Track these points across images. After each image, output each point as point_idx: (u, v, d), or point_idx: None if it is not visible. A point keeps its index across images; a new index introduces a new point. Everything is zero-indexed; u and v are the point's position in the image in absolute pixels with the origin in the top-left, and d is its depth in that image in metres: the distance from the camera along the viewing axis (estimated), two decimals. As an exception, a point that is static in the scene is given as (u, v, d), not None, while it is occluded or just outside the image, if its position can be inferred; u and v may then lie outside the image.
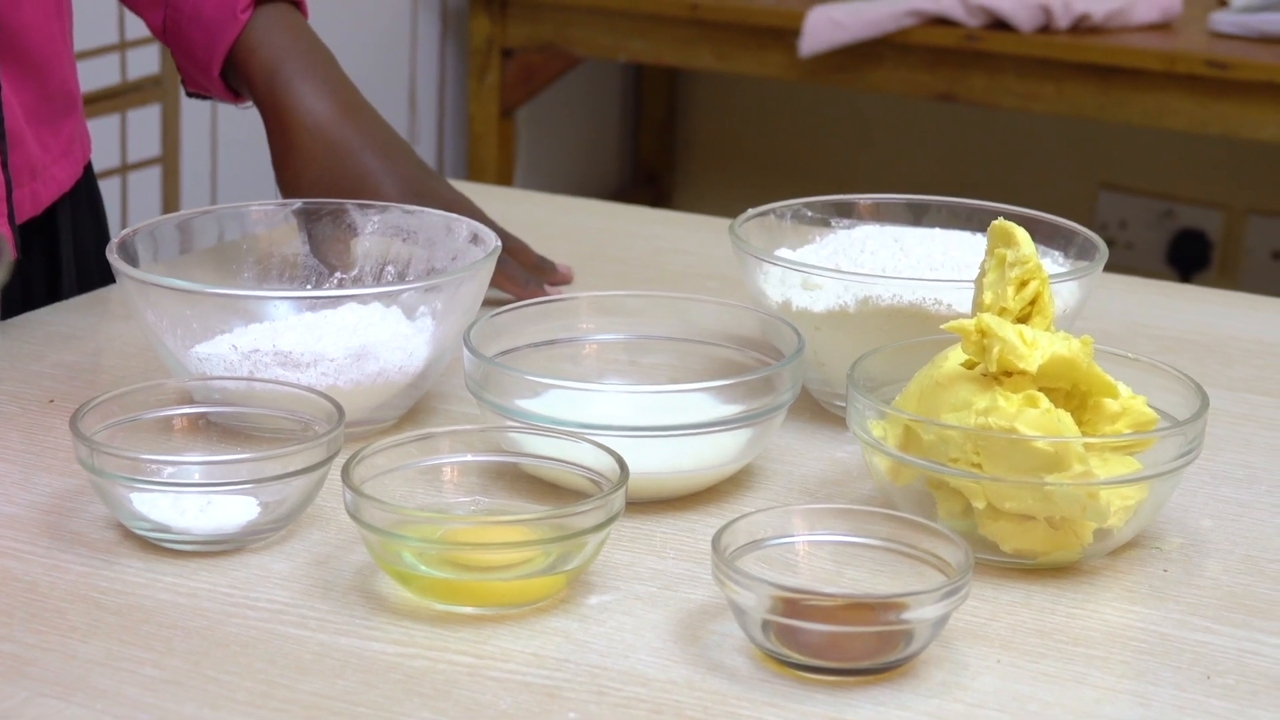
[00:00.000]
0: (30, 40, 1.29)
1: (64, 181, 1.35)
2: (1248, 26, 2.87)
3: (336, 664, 0.89)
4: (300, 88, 1.30)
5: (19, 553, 0.98)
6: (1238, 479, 1.11)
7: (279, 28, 1.33)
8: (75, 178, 1.37)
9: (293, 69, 1.31)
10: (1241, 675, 0.91)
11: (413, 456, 1.01)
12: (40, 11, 1.30)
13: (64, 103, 1.34)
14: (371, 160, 1.29)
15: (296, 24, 1.34)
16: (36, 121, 1.31)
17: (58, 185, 1.34)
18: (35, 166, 1.31)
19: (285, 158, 1.30)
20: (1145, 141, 3.55)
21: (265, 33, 1.32)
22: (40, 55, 1.30)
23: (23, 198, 1.29)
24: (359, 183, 1.27)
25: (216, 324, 1.11)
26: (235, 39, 1.32)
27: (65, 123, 1.35)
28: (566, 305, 1.17)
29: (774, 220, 1.26)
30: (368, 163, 1.29)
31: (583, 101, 3.76)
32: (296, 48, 1.32)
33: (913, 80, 2.98)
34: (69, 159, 1.36)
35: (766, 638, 0.89)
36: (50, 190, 1.33)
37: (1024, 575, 0.99)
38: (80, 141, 1.39)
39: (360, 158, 1.29)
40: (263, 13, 1.33)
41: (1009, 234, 1.03)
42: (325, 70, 1.32)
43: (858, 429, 1.02)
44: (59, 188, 1.34)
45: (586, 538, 0.94)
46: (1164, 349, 1.31)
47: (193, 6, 1.34)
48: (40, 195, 1.32)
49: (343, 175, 1.28)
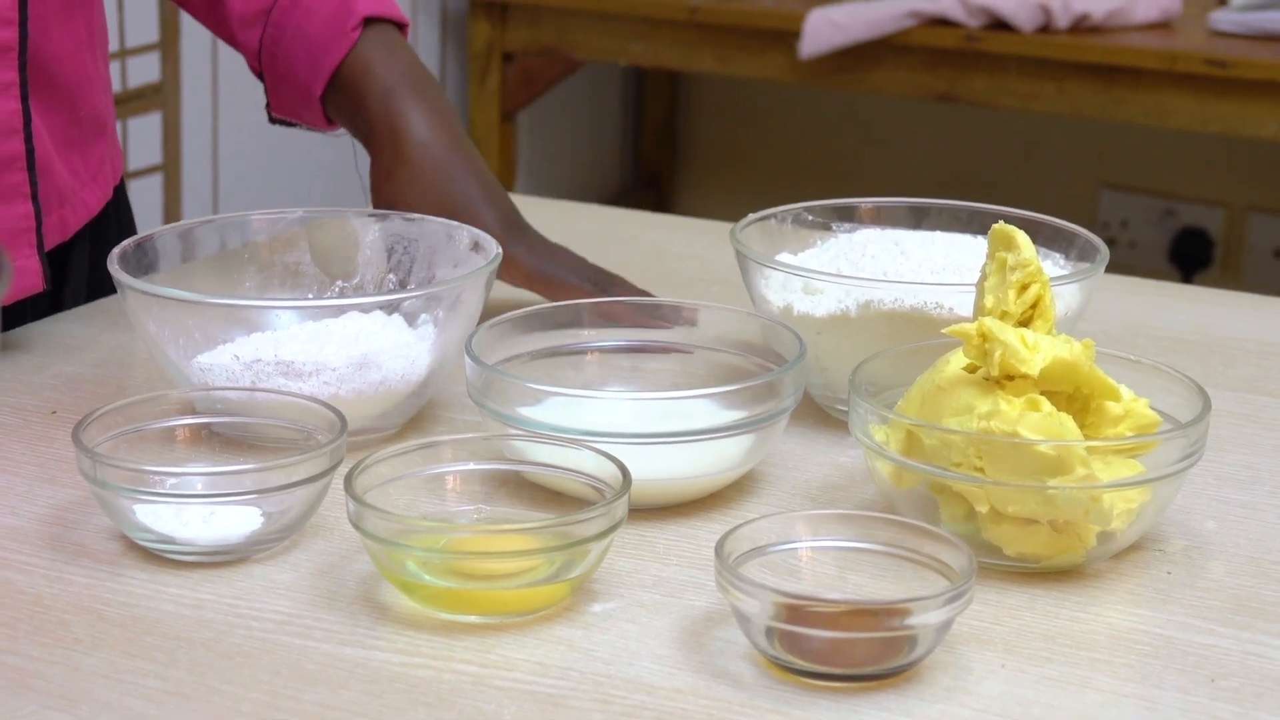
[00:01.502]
0: (62, 69, 1.28)
1: (93, 206, 1.35)
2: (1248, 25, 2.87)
3: (341, 674, 0.89)
4: (416, 109, 1.30)
5: (23, 565, 0.99)
6: (1241, 480, 1.11)
7: (396, 49, 1.33)
8: (105, 200, 1.37)
9: (409, 92, 1.31)
10: (1246, 678, 0.91)
11: (415, 465, 1.01)
12: (72, 39, 1.29)
13: (94, 126, 1.34)
14: (474, 188, 1.29)
15: (406, 48, 1.34)
16: (66, 147, 1.30)
17: (87, 210, 1.34)
18: (64, 193, 1.30)
19: (393, 170, 1.30)
20: (1146, 140, 3.55)
21: (380, 52, 1.32)
22: (72, 82, 1.30)
23: (51, 225, 1.29)
24: (462, 206, 1.27)
25: (218, 334, 1.11)
26: (344, 58, 1.32)
27: (95, 146, 1.34)
28: (567, 312, 1.17)
29: (775, 225, 1.26)
30: (471, 190, 1.29)
31: (583, 105, 3.76)
32: (410, 73, 1.32)
33: (913, 81, 2.98)
34: (98, 182, 1.35)
35: (770, 644, 0.89)
36: (79, 215, 1.33)
37: (1027, 579, 0.99)
38: (111, 162, 1.38)
39: (465, 183, 1.29)
40: (372, 32, 1.33)
41: (1010, 237, 1.03)
42: (437, 98, 1.32)
43: (860, 434, 1.02)
44: (88, 212, 1.34)
45: (589, 545, 0.94)
46: (1166, 350, 1.31)
47: (297, 24, 1.33)
48: (69, 221, 1.31)
49: (448, 196, 1.28)
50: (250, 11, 1.35)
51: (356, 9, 1.32)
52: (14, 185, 1.24)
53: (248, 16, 1.35)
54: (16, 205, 1.25)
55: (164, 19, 2.69)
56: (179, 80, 2.71)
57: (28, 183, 1.25)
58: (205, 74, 2.90)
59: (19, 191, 1.25)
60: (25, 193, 1.25)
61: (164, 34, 2.69)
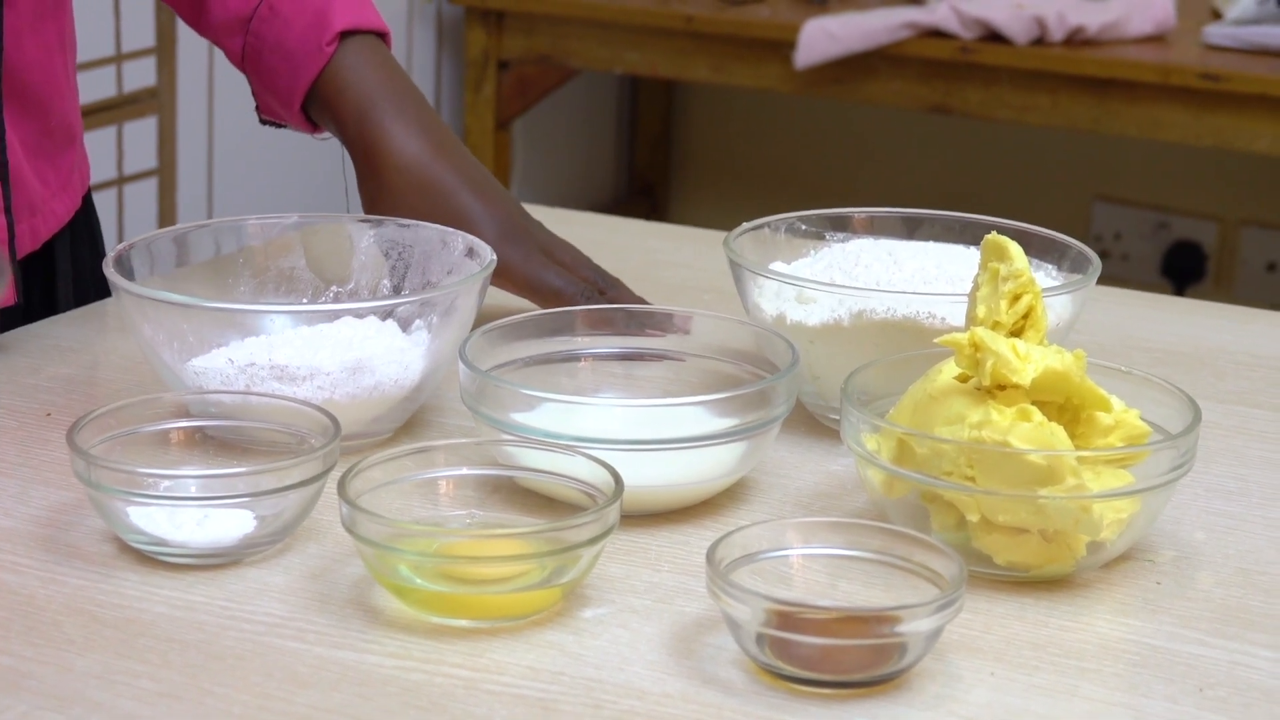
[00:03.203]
0: (32, 77, 1.27)
1: (63, 215, 1.34)
2: (1241, 39, 2.87)
3: (333, 677, 0.90)
4: (392, 128, 1.28)
5: (16, 566, 0.99)
6: (1230, 491, 1.12)
7: (369, 65, 1.30)
8: (74, 209, 1.36)
9: (384, 109, 1.29)
10: (1234, 688, 0.91)
11: (408, 470, 1.01)
12: (42, 48, 1.28)
13: (65, 136, 1.33)
14: (467, 200, 1.27)
15: (384, 60, 1.32)
16: (36, 157, 1.29)
17: (56, 220, 1.33)
18: (35, 203, 1.29)
19: (377, 199, 1.28)
20: (1140, 153, 3.56)
21: (353, 71, 1.30)
22: (42, 91, 1.29)
23: (21, 233, 1.28)
24: (455, 224, 1.25)
25: (213, 338, 1.12)
26: (320, 73, 1.30)
27: (65, 156, 1.33)
28: (561, 318, 1.17)
29: (768, 234, 1.26)
30: (463, 203, 1.27)
31: (578, 114, 3.76)
32: (386, 86, 1.30)
33: (907, 92, 2.98)
34: (68, 191, 1.34)
35: (761, 650, 0.90)
36: (49, 225, 1.32)
37: (1017, 588, 1.00)
38: (79, 170, 1.37)
39: (455, 198, 1.27)
40: (348, 47, 1.30)
41: (1002, 248, 1.04)
42: (416, 109, 1.30)
43: (852, 442, 1.02)
44: (58, 222, 1.33)
45: (581, 551, 0.94)
46: (1157, 361, 1.31)
47: (275, 36, 1.31)
48: (39, 231, 1.31)
49: (438, 217, 1.25)
50: (230, 19, 1.33)
51: (332, 23, 1.30)
52: None
53: (228, 23, 1.33)
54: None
55: (160, 24, 2.70)
56: (175, 85, 2.72)
57: (1, 194, 1.25)
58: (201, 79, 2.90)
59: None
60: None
61: (160, 39, 2.70)
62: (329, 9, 1.31)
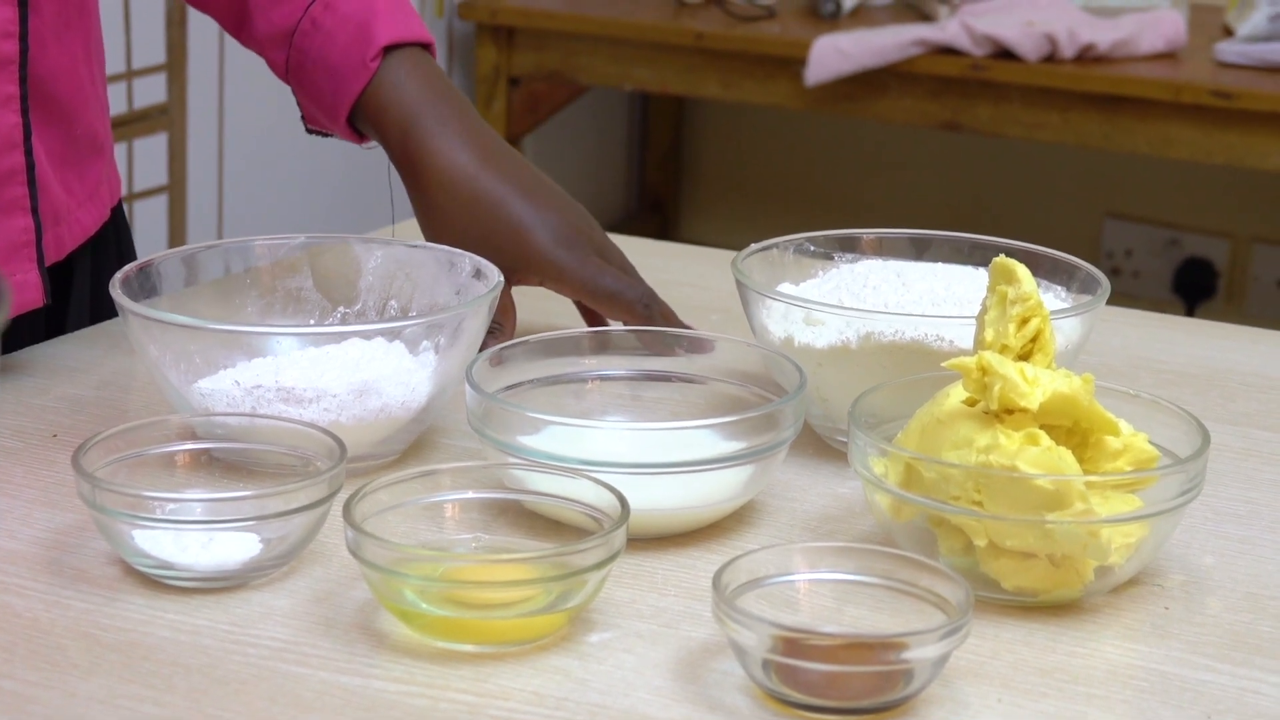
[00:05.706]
0: (58, 86, 1.28)
1: (89, 226, 1.34)
2: (1253, 56, 2.87)
3: (338, 702, 0.89)
4: (437, 143, 1.27)
5: (20, 589, 0.99)
6: (1240, 515, 1.11)
7: (412, 79, 1.29)
8: (101, 220, 1.36)
9: (428, 123, 1.28)
10: (1242, 714, 0.91)
11: (414, 493, 1.01)
12: (68, 56, 1.28)
13: (91, 146, 1.33)
14: (517, 208, 1.26)
15: (428, 71, 1.31)
16: (61, 165, 1.29)
17: (83, 230, 1.33)
18: (59, 211, 1.29)
19: (429, 216, 1.28)
20: (1151, 170, 3.55)
21: (396, 88, 1.29)
22: (69, 100, 1.29)
23: (46, 242, 1.28)
24: (508, 234, 1.24)
25: (219, 359, 1.12)
26: (364, 88, 1.29)
27: (92, 166, 1.33)
28: (568, 341, 1.17)
29: (777, 254, 1.26)
30: (513, 212, 1.26)
31: (588, 130, 3.76)
32: (430, 99, 1.29)
33: (918, 109, 2.98)
34: (95, 202, 1.34)
35: (767, 677, 0.89)
36: (75, 235, 1.32)
37: (1025, 613, 0.99)
38: (108, 184, 1.37)
39: (504, 208, 1.26)
40: (391, 61, 1.30)
41: (1010, 271, 1.03)
42: (460, 121, 1.29)
43: (859, 466, 1.02)
44: (84, 232, 1.33)
45: (587, 575, 0.94)
46: (1166, 383, 1.31)
47: (318, 50, 1.30)
48: (64, 240, 1.30)
49: (491, 228, 1.25)
50: (274, 32, 1.33)
51: (376, 38, 1.29)
52: (15, 199, 1.24)
53: (272, 37, 1.33)
54: (17, 219, 1.25)
55: (171, 41, 2.70)
56: (185, 102, 2.72)
57: (28, 196, 1.25)
58: (211, 96, 2.90)
59: (20, 205, 1.25)
60: (26, 206, 1.25)
61: (170, 56, 2.70)
62: (372, 23, 1.30)
